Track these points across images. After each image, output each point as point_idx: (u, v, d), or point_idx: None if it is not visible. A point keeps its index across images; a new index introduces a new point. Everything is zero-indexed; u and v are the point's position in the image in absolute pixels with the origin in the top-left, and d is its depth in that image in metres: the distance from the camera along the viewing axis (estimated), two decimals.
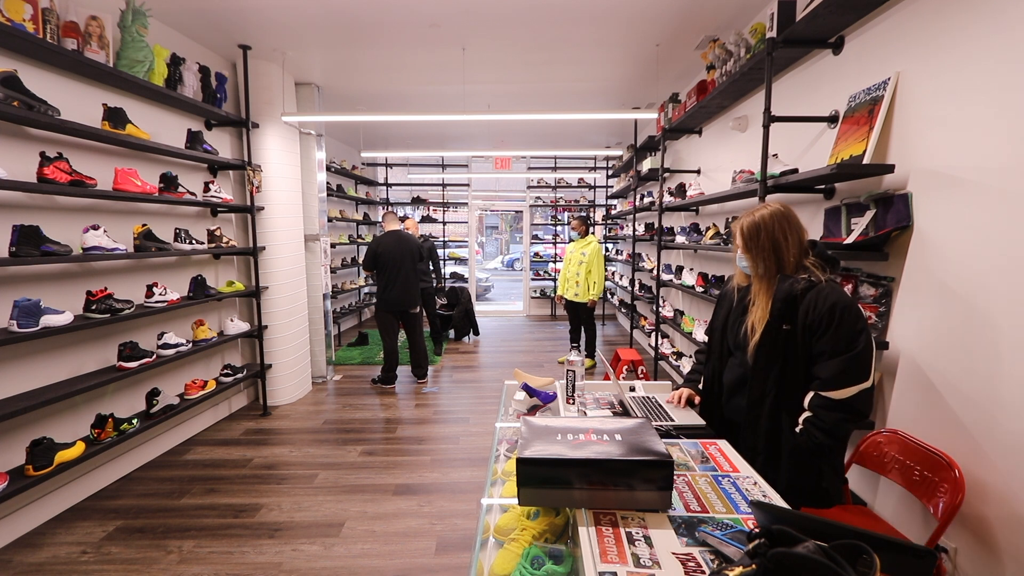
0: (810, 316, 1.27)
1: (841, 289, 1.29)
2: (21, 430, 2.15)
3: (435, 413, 3.67)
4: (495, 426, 1.68)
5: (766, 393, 1.37)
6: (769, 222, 1.37)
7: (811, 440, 1.26)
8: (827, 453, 1.28)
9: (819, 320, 1.26)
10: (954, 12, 1.54)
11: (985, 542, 1.42)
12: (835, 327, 1.24)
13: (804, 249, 1.38)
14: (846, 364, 1.22)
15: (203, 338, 3.07)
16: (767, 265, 1.38)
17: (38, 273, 2.22)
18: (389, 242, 4.11)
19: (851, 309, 1.25)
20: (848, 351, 1.23)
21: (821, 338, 1.26)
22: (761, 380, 1.38)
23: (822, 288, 1.28)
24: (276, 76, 3.68)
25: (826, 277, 1.31)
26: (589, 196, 8.10)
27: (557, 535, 1.16)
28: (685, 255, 4.21)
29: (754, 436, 1.40)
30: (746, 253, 1.42)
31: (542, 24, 3.03)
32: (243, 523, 2.27)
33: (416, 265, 4.21)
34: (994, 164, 1.40)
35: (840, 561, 0.59)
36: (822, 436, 1.24)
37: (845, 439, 1.28)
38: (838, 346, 1.24)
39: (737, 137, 3.15)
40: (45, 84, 2.22)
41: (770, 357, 1.35)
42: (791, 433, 1.32)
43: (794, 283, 1.32)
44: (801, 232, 1.38)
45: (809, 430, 1.27)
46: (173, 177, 2.84)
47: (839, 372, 1.23)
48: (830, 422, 1.23)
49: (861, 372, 1.22)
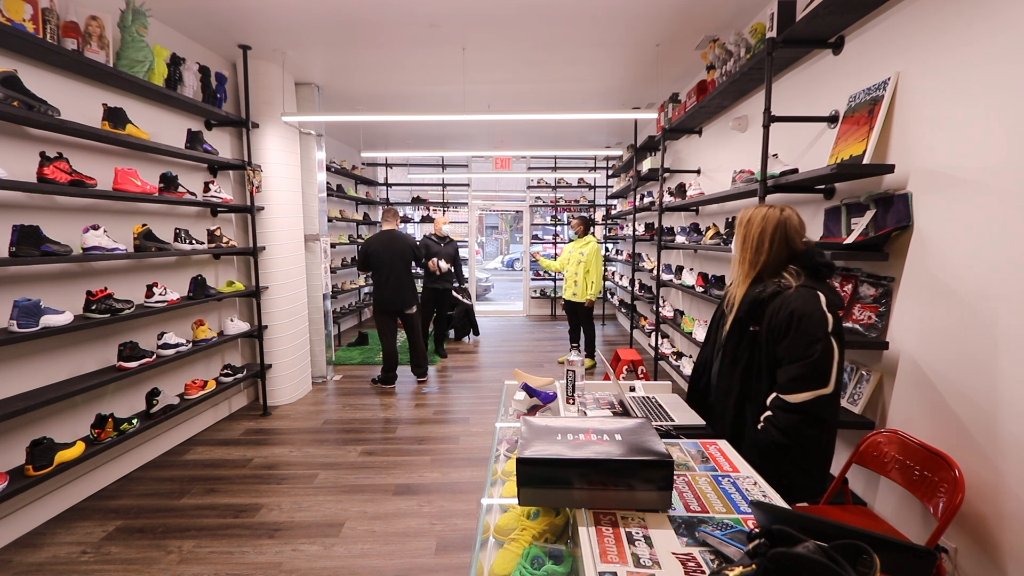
0: (773, 321, 1.32)
1: (808, 297, 1.29)
2: (21, 430, 2.15)
3: (435, 413, 3.67)
4: (495, 426, 1.68)
5: (732, 388, 1.43)
6: (759, 221, 1.41)
7: (768, 437, 1.31)
8: (786, 452, 1.29)
9: (780, 326, 1.30)
10: (954, 12, 1.54)
11: (985, 542, 1.42)
12: (792, 334, 1.28)
13: (791, 256, 1.39)
14: (801, 370, 1.26)
15: (203, 338, 3.07)
16: (745, 257, 1.43)
17: (38, 273, 2.22)
18: (380, 242, 4.07)
19: (811, 317, 1.26)
20: (804, 358, 1.26)
21: (780, 343, 1.31)
22: (728, 375, 1.45)
23: (788, 295, 1.31)
24: (276, 76, 3.68)
25: (798, 284, 1.32)
26: (589, 196, 8.10)
27: (557, 535, 1.16)
28: (685, 255, 4.21)
29: (722, 427, 1.46)
30: (735, 239, 1.49)
31: (542, 24, 3.03)
32: (243, 523, 2.27)
33: (409, 265, 4.14)
34: (994, 164, 1.40)
35: (840, 561, 0.59)
36: (778, 435, 1.29)
37: (806, 442, 1.27)
38: (795, 352, 1.27)
39: (737, 137, 3.15)
40: (45, 84, 2.22)
41: (736, 355, 1.42)
42: (753, 428, 1.37)
43: (764, 288, 1.36)
44: (792, 240, 1.39)
45: (767, 428, 1.32)
46: (173, 177, 2.84)
47: (794, 377, 1.27)
48: (784, 423, 1.27)
49: (817, 379, 1.25)
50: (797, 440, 1.27)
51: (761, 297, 1.35)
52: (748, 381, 1.40)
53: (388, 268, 4.04)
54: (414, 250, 4.21)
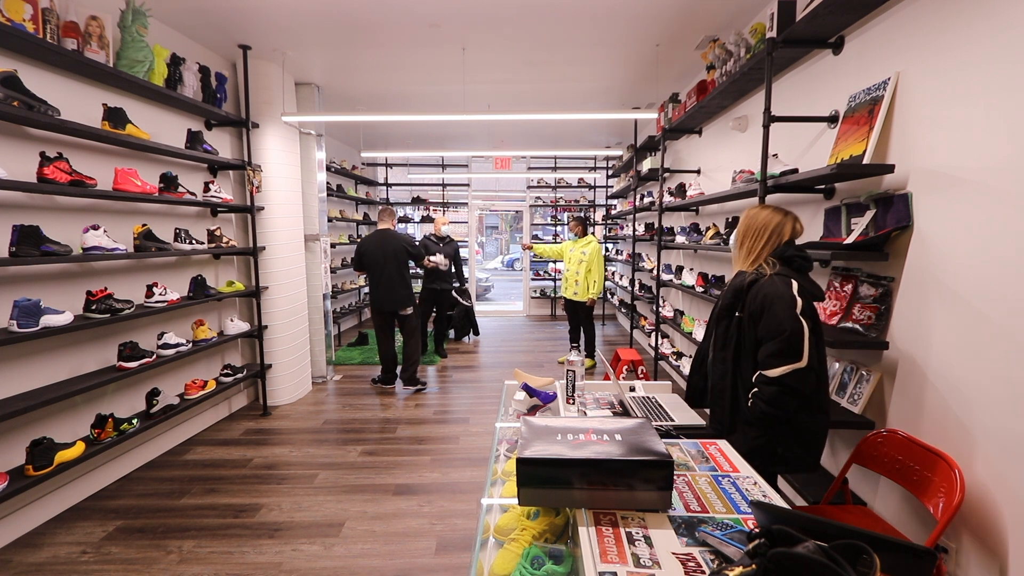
0: (752, 306, 1.49)
1: (780, 283, 1.46)
2: (21, 430, 2.15)
3: (435, 413, 3.67)
4: (495, 426, 1.68)
5: (726, 369, 1.58)
6: (754, 219, 1.60)
7: (756, 410, 1.46)
8: (775, 422, 1.46)
9: (757, 309, 1.47)
10: (954, 12, 1.54)
11: (985, 542, 1.42)
12: (766, 315, 1.44)
13: (775, 251, 1.56)
14: (777, 346, 1.42)
15: (203, 338, 3.07)
16: (739, 250, 1.63)
17: (38, 273, 2.22)
18: (373, 241, 4.01)
19: (782, 299, 1.43)
20: (778, 335, 1.42)
21: (758, 324, 1.47)
22: (720, 358, 1.61)
23: (764, 282, 1.48)
24: (276, 76, 3.68)
25: (772, 272, 1.49)
26: (589, 196, 8.10)
27: (557, 535, 1.16)
28: (685, 255, 4.21)
29: (720, 408, 1.61)
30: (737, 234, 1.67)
31: (542, 24, 3.03)
32: (243, 523, 2.27)
33: (402, 265, 4.02)
34: (994, 164, 1.40)
35: (840, 561, 0.59)
36: (764, 406, 1.43)
37: (788, 411, 1.43)
38: (770, 331, 1.44)
39: (737, 137, 3.15)
40: (45, 84, 2.22)
41: (725, 339, 1.59)
42: (744, 403, 1.52)
43: (744, 277, 1.54)
44: (783, 238, 1.56)
45: (755, 401, 1.47)
46: (173, 177, 2.84)
47: (771, 353, 1.43)
48: (768, 395, 1.43)
49: (791, 353, 1.40)
50: (780, 409, 1.42)
51: (742, 285, 1.53)
52: (737, 361, 1.56)
53: (380, 268, 3.97)
54: (407, 249, 4.06)
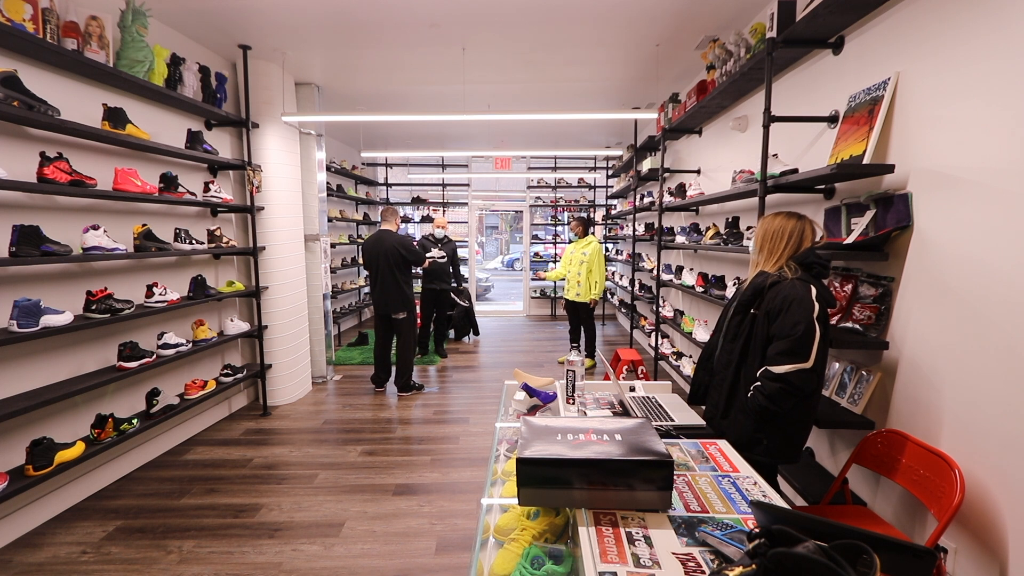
0: (770, 305, 1.56)
1: (801, 287, 1.53)
2: (21, 430, 2.15)
3: (435, 413, 3.67)
4: (495, 426, 1.68)
5: (732, 360, 1.66)
6: (770, 225, 1.68)
7: (755, 402, 1.54)
8: (770, 416, 1.54)
9: (776, 309, 1.54)
10: (954, 11, 1.54)
11: (985, 542, 1.42)
12: (784, 315, 1.51)
13: (796, 255, 1.63)
14: (787, 345, 1.48)
15: (203, 338, 3.07)
16: (759, 253, 1.71)
17: (38, 273, 2.21)
18: (372, 242, 3.98)
19: (801, 303, 1.49)
20: (790, 335, 1.48)
21: (774, 323, 1.54)
22: (729, 349, 1.68)
23: (784, 284, 1.55)
24: (276, 76, 3.68)
25: (793, 276, 1.56)
26: (589, 196, 8.10)
27: (557, 535, 1.16)
28: (685, 255, 4.21)
29: (718, 394, 1.70)
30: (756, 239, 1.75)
31: (542, 24, 3.03)
32: (243, 523, 2.27)
33: (395, 266, 3.89)
34: (994, 164, 1.40)
35: (840, 561, 0.59)
36: (763, 400, 1.51)
37: (784, 409, 1.50)
38: (784, 330, 1.50)
39: (737, 137, 3.15)
40: (45, 84, 2.22)
41: (737, 332, 1.66)
42: (744, 394, 1.61)
43: (766, 278, 1.61)
44: (803, 242, 1.64)
45: (755, 394, 1.54)
46: (173, 177, 2.84)
47: (780, 351, 1.50)
48: (769, 390, 1.50)
49: (799, 353, 1.47)
50: (778, 406, 1.49)
51: (763, 285, 1.60)
52: (744, 354, 1.63)
53: (375, 269, 3.95)
54: (400, 249, 3.89)
